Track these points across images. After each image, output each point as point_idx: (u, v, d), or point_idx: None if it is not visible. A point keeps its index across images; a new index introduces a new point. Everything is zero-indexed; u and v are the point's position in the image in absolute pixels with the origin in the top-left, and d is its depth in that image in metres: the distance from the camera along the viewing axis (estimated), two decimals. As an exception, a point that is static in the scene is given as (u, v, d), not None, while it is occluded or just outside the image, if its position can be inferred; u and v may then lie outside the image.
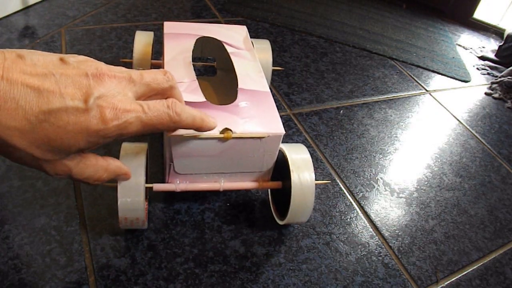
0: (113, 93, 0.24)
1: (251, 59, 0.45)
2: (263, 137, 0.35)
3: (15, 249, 0.36)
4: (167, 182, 0.38)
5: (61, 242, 0.37)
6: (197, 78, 0.40)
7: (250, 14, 0.82)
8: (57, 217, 0.39)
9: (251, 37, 0.51)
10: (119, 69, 0.26)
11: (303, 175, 0.37)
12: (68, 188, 0.42)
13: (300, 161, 0.38)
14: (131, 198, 0.34)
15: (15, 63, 0.22)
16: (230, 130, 0.34)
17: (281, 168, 0.39)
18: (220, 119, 0.35)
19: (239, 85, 0.40)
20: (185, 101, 0.36)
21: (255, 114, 0.37)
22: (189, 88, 0.38)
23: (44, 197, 0.41)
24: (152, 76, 0.27)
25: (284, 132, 0.36)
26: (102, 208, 0.41)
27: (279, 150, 0.39)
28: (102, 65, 0.25)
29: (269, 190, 0.45)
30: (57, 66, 0.23)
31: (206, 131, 0.31)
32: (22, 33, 0.63)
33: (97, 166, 0.28)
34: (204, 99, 0.37)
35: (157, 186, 0.37)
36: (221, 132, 0.34)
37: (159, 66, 0.51)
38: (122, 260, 0.37)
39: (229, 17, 0.80)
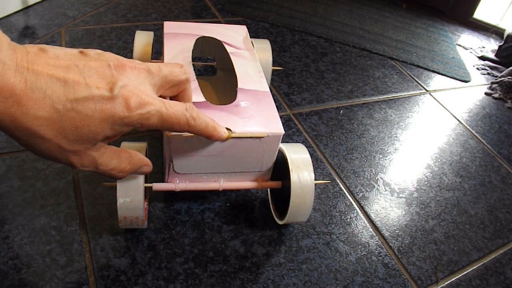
0: (135, 83, 0.25)
1: (251, 59, 0.45)
2: (263, 137, 0.35)
3: (15, 249, 0.36)
4: (167, 182, 0.38)
5: (61, 242, 0.37)
6: (197, 78, 0.40)
7: (250, 14, 0.82)
8: (57, 217, 0.39)
9: (251, 37, 0.51)
10: (137, 61, 0.27)
11: (303, 175, 0.37)
12: (68, 188, 0.42)
13: (299, 160, 0.38)
14: (131, 197, 0.34)
15: (38, 56, 0.22)
16: (230, 130, 0.34)
17: (281, 168, 0.39)
18: (219, 119, 0.35)
19: (239, 85, 0.40)
20: None
21: (254, 114, 0.37)
22: None
23: (44, 197, 0.41)
24: (169, 69, 0.28)
25: (283, 132, 0.36)
26: (102, 208, 0.41)
27: (279, 150, 0.39)
28: (121, 57, 0.26)
29: (268, 190, 0.45)
30: (79, 58, 0.24)
31: (216, 140, 0.32)
32: (22, 33, 0.63)
33: (120, 157, 0.28)
34: (204, 99, 0.37)
35: (157, 186, 0.37)
36: None
37: None
38: (122, 260, 0.37)
39: (229, 17, 0.80)
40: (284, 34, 0.79)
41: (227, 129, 0.34)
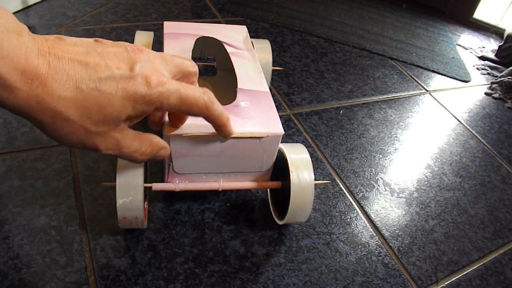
0: (153, 65, 0.26)
1: (251, 59, 0.45)
2: (262, 137, 0.35)
3: (15, 249, 0.36)
4: (167, 182, 0.38)
5: (61, 242, 0.37)
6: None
7: (250, 14, 0.82)
8: (57, 217, 0.39)
9: (251, 37, 0.51)
10: (150, 49, 0.28)
11: (302, 175, 0.37)
12: (68, 188, 0.42)
13: (299, 161, 0.38)
14: (130, 197, 0.34)
15: (57, 43, 0.23)
16: None
17: (281, 168, 0.39)
18: None
19: (239, 85, 0.40)
20: None
21: (254, 114, 0.37)
22: None
23: (44, 197, 0.41)
24: (181, 60, 0.29)
25: (283, 132, 0.36)
26: (102, 208, 0.41)
27: (279, 150, 0.39)
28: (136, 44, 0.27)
29: (268, 190, 0.45)
30: (96, 45, 0.25)
31: (225, 134, 0.32)
32: (22, 33, 0.63)
33: (141, 140, 0.28)
34: None
35: (156, 186, 0.37)
36: None
37: None
38: (122, 260, 0.37)
39: (229, 17, 0.80)
40: (284, 34, 0.79)
41: None
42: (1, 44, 0.20)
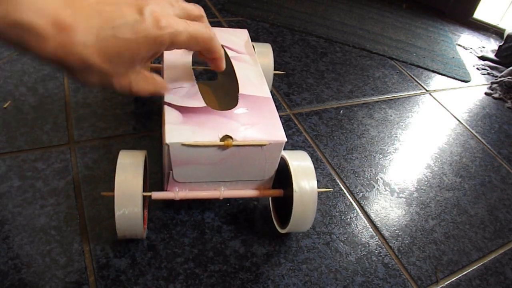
0: (161, 7, 0.29)
1: (252, 63, 0.44)
2: (264, 145, 0.35)
3: (15, 249, 0.36)
4: (166, 190, 0.37)
5: (61, 242, 0.37)
6: (197, 83, 0.39)
7: (250, 14, 0.82)
8: (57, 217, 0.39)
9: (251, 38, 0.50)
10: None
11: (305, 184, 0.36)
12: (68, 188, 0.42)
13: (302, 169, 0.37)
14: (129, 208, 0.33)
15: None
16: (231, 138, 0.34)
17: (283, 176, 0.39)
18: (220, 125, 0.35)
19: (240, 91, 0.39)
20: (184, 106, 0.36)
21: (256, 121, 0.36)
22: (189, 93, 0.38)
23: (44, 197, 0.41)
24: (186, 4, 0.32)
25: (285, 139, 0.36)
26: (102, 208, 0.41)
27: (281, 157, 0.39)
28: None
29: (269, 197, 0.45)
30: None
31: (220, 67, 0.35)
32: (22, 33, 0.63)
33: (148, 81, 0.31)
34: (204, 104, 0.37)
35: (156, 195, 0.37)
36: (222, 140, 0.34)
37: (159, 70, 0.50)
38: (122, 260, 0.37)
39: (229, 17, 0.80)
40: (284, 34, 0.79)
41: (228, 136, 0.34)
42: None
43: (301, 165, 0.37)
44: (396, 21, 0.97)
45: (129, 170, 0.34)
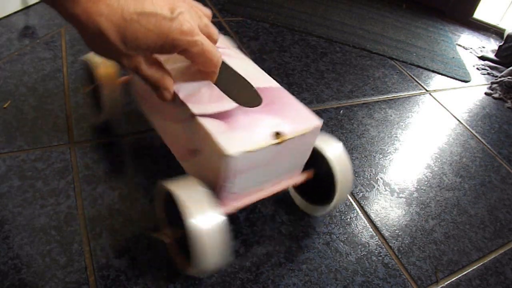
0: (190, 15, 0.29)
1: (242, 57, 0.42)
2: (309, 132, 0.35)
3: (15, 249, 0.36)
4: (222, 206, 0.34)
5: (61, 242, 0.37)
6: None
7: (250, 14, 0.82)
8: (57, 217, 0.39)
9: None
10: None
11: (335, 151, 0.38)
12: (68, 188, 0.42)
13: (326, 141, 0.39)
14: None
15: None
16: (280, 134, 0.33)
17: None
18: (262, 123, 0.33)
19: (255, 85, 0.38)
20: (219, 112, 0.34)
21: (286, 111, 0.36)
22: (212, 96, 0.35)
23: (44, 197, 0.41)
24: (210, 24, 0.33)
25: (322, 122, 0.35)
26: (102, 208, 0.41)
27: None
28: None
29: (291, 188, 0.44)
30: None
31: (212, 79, 0.35)
32: (22, 33, 0.63)
33: (156, 70, 0.31)
34: (235, 104, 0.35)
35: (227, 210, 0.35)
36: (275, 137, 0.32)
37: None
38: (122, 260, 0.37)
39: (229, 17, 0.80)
40: (284, 34, 0.79)
41: (277, 133, 0.33)
42: None
43: (322, 138, 0.39)
44: (396, 21, 0.97)
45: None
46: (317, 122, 0.35)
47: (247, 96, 0.37)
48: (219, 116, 0.33)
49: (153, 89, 0.32)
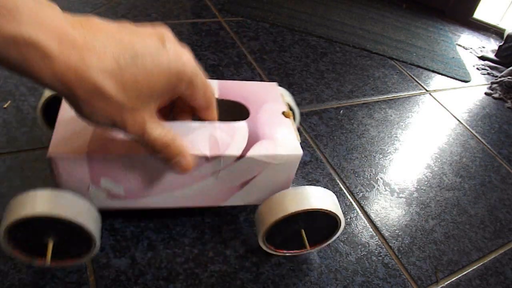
0: (180, 46, 0.26)
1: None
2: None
3: (15, 249, 0.36)
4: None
5: (61, 242, 0.37)
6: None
7: (250, 14, 0.82)
8: (57, 217, 0.39)
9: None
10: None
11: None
12: (68, 188, 0.42)
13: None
14: None
15: (88, 20, 0.23)
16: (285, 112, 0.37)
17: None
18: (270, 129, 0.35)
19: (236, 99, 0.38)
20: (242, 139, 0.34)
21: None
22: (216, 131, 0.34)
23: (44, 197, 0.41)
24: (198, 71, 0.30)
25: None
26: (102, 208, 0.41)
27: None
28: None
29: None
30: (124, 25, 0.25)
31: (210, 118, 0.33)
32: (22, 33, 0.63)
33: (165, 130, 0.27)
34: (243, 121, 0.35)
35: None
36: (284, 115, 0.37)
37: None
38: (122, 260, 0.37)
39: (229, 17, 0.80)
40: (284, 34, 0.79)
41: (284, 112, 0.37)
42: (37, 12, 0.20)
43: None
44: (396, 21, 0.97)
45: None
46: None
47: (236, 110, 0.37)
48: (249, 139, 0.34)
49: (164, 159, 0.28)
